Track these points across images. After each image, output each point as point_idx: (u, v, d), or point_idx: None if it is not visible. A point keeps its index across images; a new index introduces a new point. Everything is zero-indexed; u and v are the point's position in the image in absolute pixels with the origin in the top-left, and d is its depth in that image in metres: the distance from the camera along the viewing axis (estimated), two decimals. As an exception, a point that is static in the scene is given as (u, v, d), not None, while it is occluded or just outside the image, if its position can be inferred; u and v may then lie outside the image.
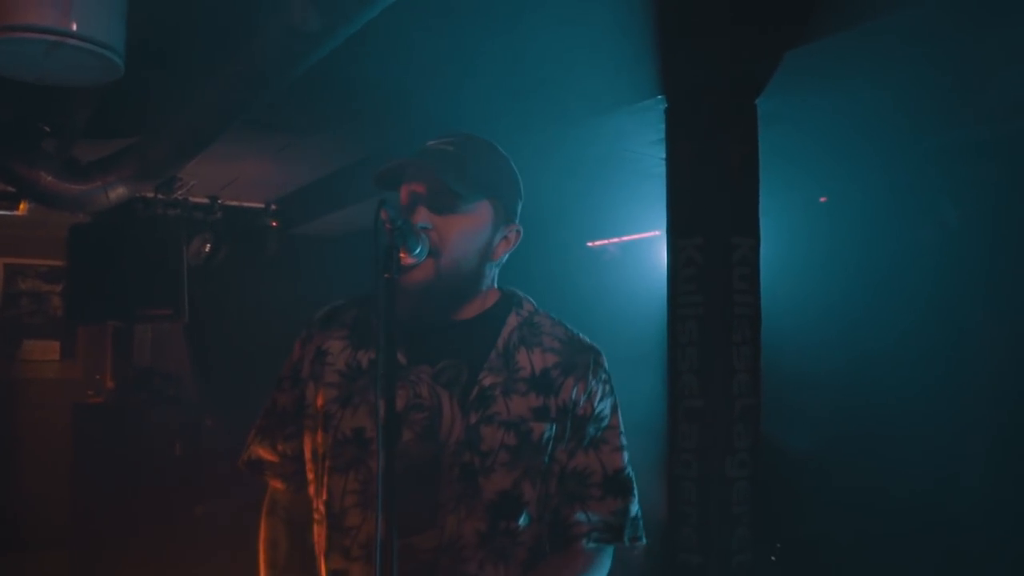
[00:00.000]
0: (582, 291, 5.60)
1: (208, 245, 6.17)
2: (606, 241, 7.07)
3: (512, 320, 1.67)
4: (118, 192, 4.64)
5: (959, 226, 4.59)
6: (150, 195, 5.73)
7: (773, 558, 4.74)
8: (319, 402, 1.64)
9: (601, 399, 1.67)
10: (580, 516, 1.64)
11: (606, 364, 1.71)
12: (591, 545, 1.65)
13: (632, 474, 1.71)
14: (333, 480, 1.59)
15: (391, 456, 1.30)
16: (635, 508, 1.70)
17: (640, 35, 3.07)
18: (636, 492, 1.71)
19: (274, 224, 6.65)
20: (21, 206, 5.44)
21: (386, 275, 1.38)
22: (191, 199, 6.09)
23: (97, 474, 5.64)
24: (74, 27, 2.41)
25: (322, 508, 1.62)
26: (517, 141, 3.89)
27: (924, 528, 4.56)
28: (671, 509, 3.38)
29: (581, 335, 1.73)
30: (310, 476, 1.68)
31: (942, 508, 4.52)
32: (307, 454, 1.68)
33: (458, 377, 1.59)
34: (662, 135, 3.49)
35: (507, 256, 1.70)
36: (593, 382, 1.66)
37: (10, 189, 4.93)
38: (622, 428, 1.71)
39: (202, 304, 6.09)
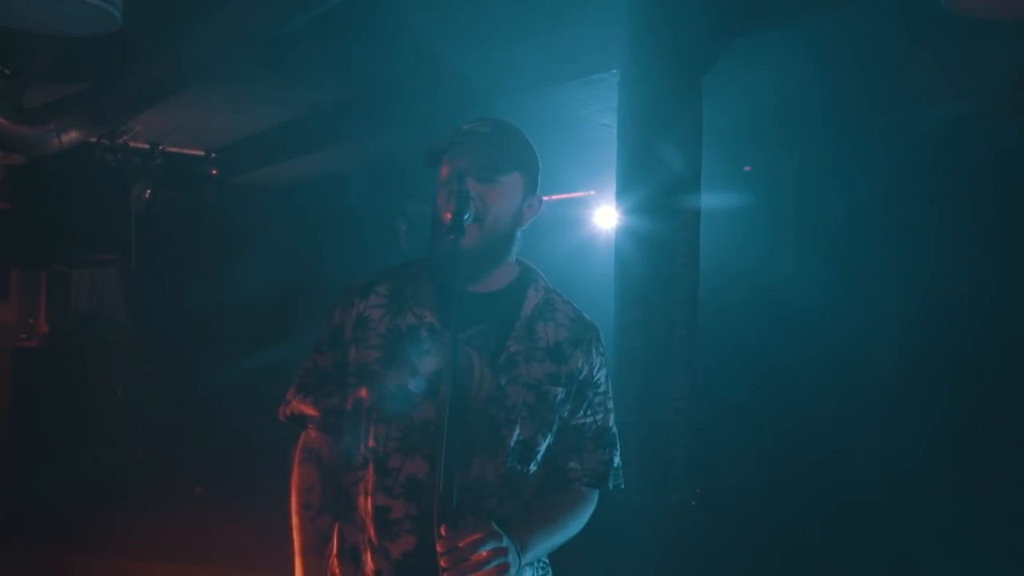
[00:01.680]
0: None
1: (148, 191, 6.19)
2: (547, 198, 7.34)
3: (532, 295, 1.95)
4: (70, 136, 4.68)
5: (868, 197, 4.98)
6: (92, 139, 5.71)
7: (693, 503, 5.13)
8: (364, 362, 1.89)
9: (599, 369, 1.98)
10: (575, 464, 1.95)
11: (602, 339, 2.02)
12: (582, 488, 1.97)
13: (616, 431, 2.02)
14: (378, 429, 1.85)
15: (446, 412, 1.63)
16: (618, 460, 2.01)
17: (602, 15, 3.30)
18: (619, 447, 2.02)
19: (214, 172, 6.69)
20: (-40, 147, 5.38)
21: (451, 237, 1.73)
22: (131, 144, 6.09)
23: (38, 418, 5.69)
24: (79, -20, 2.52)
25: (367, 454, 1.87)
26: (476, 102, 4.13)
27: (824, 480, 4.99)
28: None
29: (585, 314, 2.02)
30: (348, 427, 1.93)
31: (843, 460, 4.97)
32: (349, 408, 1.92)
33: (487, 342, 1.86)
34: (611, 104, 3.75)
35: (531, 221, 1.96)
36: (594, 355, 1.96)
37: (-45, 129, 4.89)
38: (611, 393, 2.02)
39: (140, 250, 6.12)
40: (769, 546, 4.87)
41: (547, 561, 2.01)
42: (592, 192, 6.60)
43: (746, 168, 6.01)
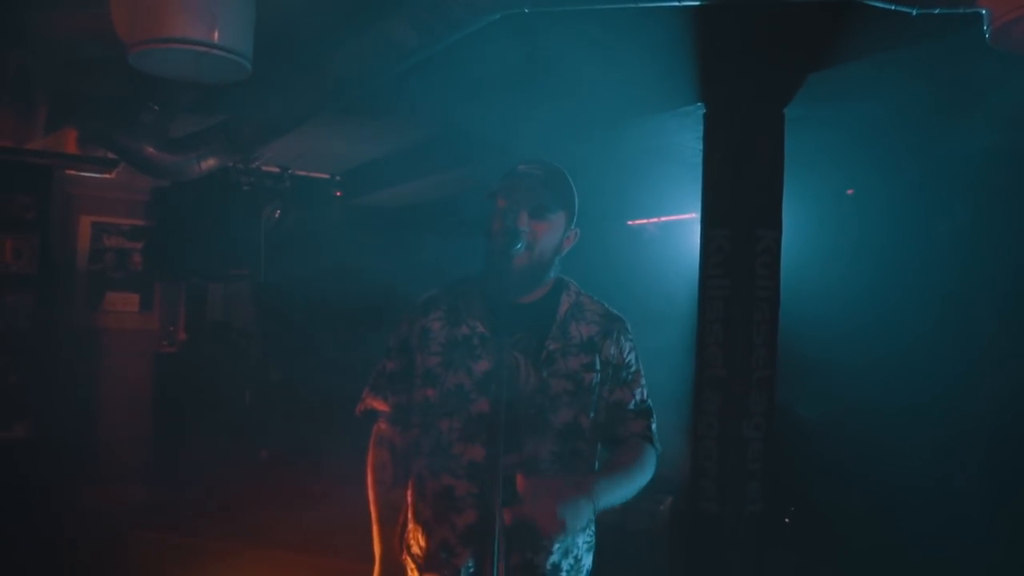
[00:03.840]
0: (622, 265, 6.12)
1: (278, 212, 6.72)
2: (645, 221, 7.56)
3: (565, 300, 2.31)
4: (209, 163, 5.19)
5: (972, 226, 4.98)
6: (228, 164, 6.26)
7: (787, 520, 5.22)
8: (427, 366, 2.25)
9: (628, 352, 2.34)
10: (621, 429, 2.31)
11: (630, 327, 2.37)
12: (638, 441, 2.29)
13: (651, 403, 2.36)
14: (443, 422, 2.21)
15: (499, 405, 1.93)
16: (655, 425, 2.35)
17: (686, 51, 3.52)
18: (655, 416, 2.35)
19: (338, 194, 7.20)
20: (114, 171, 6.01)
21: (504, 264, 2.09)
22: (263, 168, 6.64)
23: (175, 417, 6.25)
24: (216, 38, 2.94)
25: (434, 442, 2.23)
26: (578, 140, 4.42)
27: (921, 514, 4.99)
28: (693, 465, 3.90)
29: (612, 308, 2.37)
30: (415, 420, 2.29)
31: (939, 505, 4.96)
32: (418, 404, 2.28)
33: (530, 344, 2.22)
34: (700, 134, 3.96)
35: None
36: (623, 341, 2.33)
37: (111, 156, 5.48)
38: (643, 371, 2.36)
39: (270, 265, 6.65)
40: (856, 566, 4.92)
41: (594, 532, 2.33)
42: (693, 215, 6.77)
43: (849, 191, 6.07)
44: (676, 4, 2.66)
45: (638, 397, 2.33)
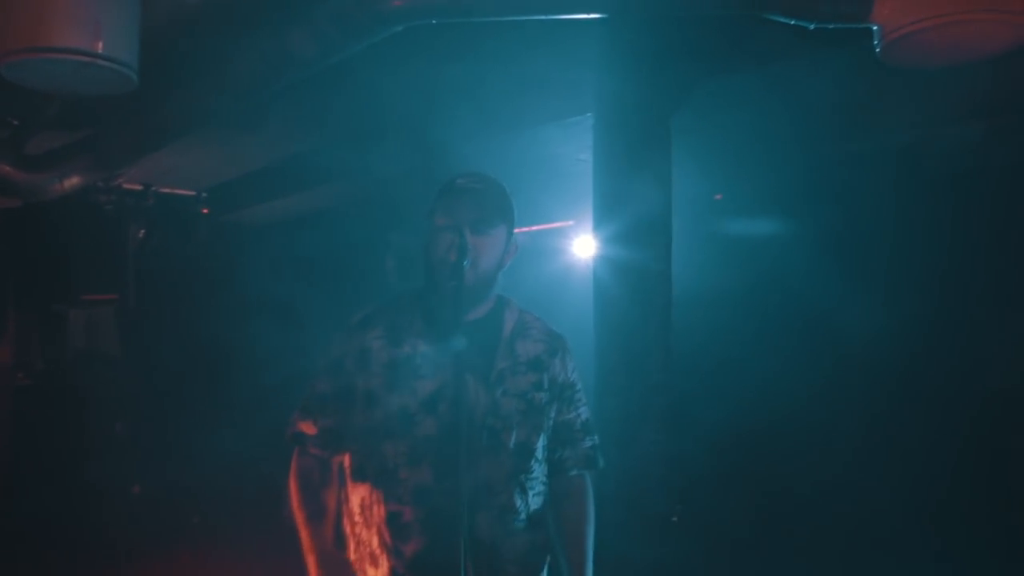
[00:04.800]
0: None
1: (143, 231, 6.40)
2: (521, 229, 7.62)
3: (509, 318, 2.28)
4: (72, 181, 4.87)
5: (839, 227, 5.25)
6: (92, 183, 5.90)
7: (674, 519, 5.35)
8: (368, 388, 2.16)
9: (572, 371, 2.34)
10: (568, 453, 2.30)
11: (569, 345, 2.37)
12: (575, 473, 2.31)
13: (591, 418, 2.38)
14: (385, 445, 2.12)
15: (458, 426, 1.91)
16: (598, 439, 2.38)
17: (577, 63, 3.57)
18: (596, 430, 2.38)
19: (205, 211, 6.91)
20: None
21: (453, 283, 2.01)
22: (125, 186, 6.30)
23: (38, 453, 5.85)
24: (100, 48, 2.77)
25: (375, 468, 2.14)
26: (468, 151, 4.40)
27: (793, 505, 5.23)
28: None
29: (553, 326, 2.37)
30: (350, 445, 2.20)
31: (810, 487, 5.20)
32: (358, 428, 2.18)
33: (478, 362, 2.17)
34: (587, 142, 4.02)
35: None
36: (567, 360, 2.33)
37: (-41, 177, 5.07)
38: (582, 387, 2.37)
39: (135, 288, 6.33)
40: (749, 565, 5.09)
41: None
42: (571, 222, 6.88)
43: (717, 196, 6.30)
44: (582, 17, 2.68)
45: (583, 416, 2.34)
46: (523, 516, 2.17)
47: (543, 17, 2.63)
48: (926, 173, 4.85)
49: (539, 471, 2.23)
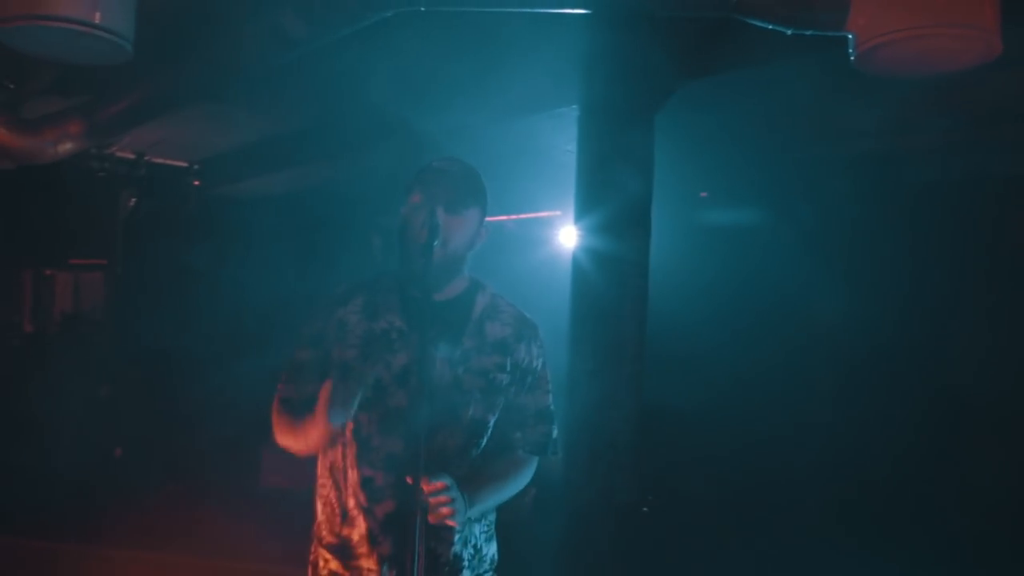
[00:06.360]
0: (483, 263, 6.21)
1: (133, 199, 6.47)
2: (505, 217, 7.71)
3: (480, 300, 2.35)
4: (65, 147, 4.94)
5: (813, 226, 5.37)
6: (85, 148, 5.96)
7: (645, 509, 5.46)
8: (344, 359, 2.25)
9: (537, 358, 2.39)
10: (519, 435, 2.38)
11: (541, 335, 2.42)
12: (522, 454, 2.39)
13: (554, 409, 2.43)
14: (360, 415, 2.21)
15: (419, 400, 2.01)
16: (555, 432, 2.43)
17: (564, 56, 3.66)
18: (556, 421, 2.43)
19: (196, 183, 6.98)
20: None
21: (422, 259, 2.08)
22: (118, 154, 6.36)
23: (21, 415, 5.92)
24: (98, 19, 2.84)
25: (349, 435, 2.25)
26: (455, 138, 4.48)
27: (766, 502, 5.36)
28: (566, 457, 4.04)
29: (526, 313, 2.42)
30: None
31: (782, 476, 5.33)
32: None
33: (446, 340, 2.25)
34: (573, 135, 4.11)
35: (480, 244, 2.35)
36: (533, 347, 2.38)
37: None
38: (549, 378, 2.43)
39: (124, 254, 6.40)
40: (719, 551, 5.20)
41: (492, 521, 2.42)
42: (558, 212, 6.97)
43: (702, 194, 6.40)
44: (565, 11, 2.76)
45: (542, 403, 2.40)
46: None
47: (525, 11, 2.70)
48: (894, 179, 4.99)
49: (489, 447, 2.35)
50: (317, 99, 4.76)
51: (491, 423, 2.32)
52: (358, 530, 2.25)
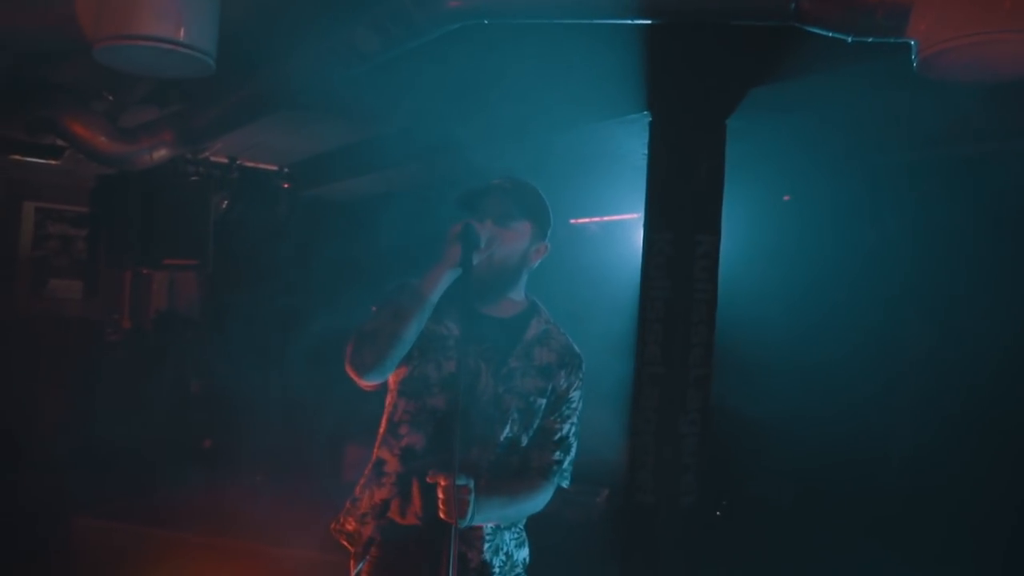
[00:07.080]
0: (566, 262, 6.28)
1: (225, 202, 6.74)
2: (588, 220, 7.75)
3: (534, 325, 2.42)
4: (160, 153, 5.22)
5: (897, 234, 5.25)
6: (178, 155, 6.25)
7: (719, 513, 5.44)
8: None
9: (575, 390, 2.46)
10: (535, 455, 2.43)
11: (584, 367, 2.48)
12: (536, 478, 2.42)
13: (573, 443, 2.48)
14: (398, 401, 2.34)
15: (456, 407, 2.09)
16: (568, 463, 2.47)
17: (635, 63, 3.69)
18: (574, 451, 2.48)
19: (286, 186, 7.24)
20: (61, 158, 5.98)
21: (464, 269, 2.18)
22: (212, 159, 6.65)
23: (119, 406, 6.24)
24: (182, 36, 3.01)
25: (384, 419, 2.37)
26: (530, 142, 4.57)
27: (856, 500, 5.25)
28: (631, 458, 4.08)
29: (574, 344, 2.48)
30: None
31: (872, 486, 5.21)
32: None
33: (494, 356, 2.33)
34: (646, 141, 4.13)
35: (538, 263, 2.41)
36: (574, 378, 2.45)
37: (59, 143, 5.46)
38: (580, 409, 2.48)
39: (216, 255, 6.67)
40: (786, 558, 5.14)
41: (523, 528, 2.49)
42: (637, 215, 6.97)
43: (785, 197, 6.31)
44: (628, 22, 2.80)
45: (565, 431, 2.44)
46: None
47: (586, 21, 2.75)
48: (991, 186, 4.82)
49: (516, 464, 2.41)
50: (395, 107, 4.89)
51: (523, 443, 2.39)
52: (373, 500, 2.36)
